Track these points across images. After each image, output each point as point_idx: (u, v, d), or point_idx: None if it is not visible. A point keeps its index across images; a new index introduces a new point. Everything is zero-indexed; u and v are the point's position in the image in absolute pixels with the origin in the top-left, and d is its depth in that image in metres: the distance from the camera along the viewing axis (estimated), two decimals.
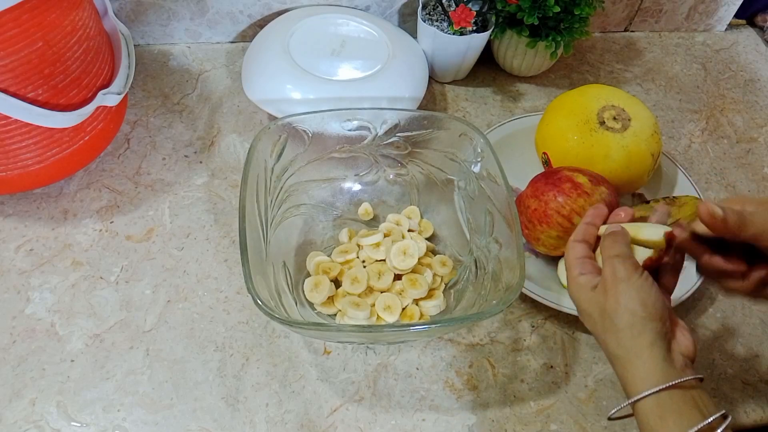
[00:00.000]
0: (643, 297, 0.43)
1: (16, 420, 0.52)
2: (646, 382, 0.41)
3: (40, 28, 0.53)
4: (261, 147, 0.58)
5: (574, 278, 0.47)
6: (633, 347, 0.42)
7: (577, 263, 0.48)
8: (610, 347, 0.44)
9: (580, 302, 0.47)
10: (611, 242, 0.46)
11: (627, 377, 0.42)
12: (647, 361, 0.41)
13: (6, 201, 0.66)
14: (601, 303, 0.44)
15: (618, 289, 0.43)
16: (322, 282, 0.59)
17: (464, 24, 0.73)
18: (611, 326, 0.43)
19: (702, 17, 0.95)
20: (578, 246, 0.49)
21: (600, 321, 0.44)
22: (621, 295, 0.43)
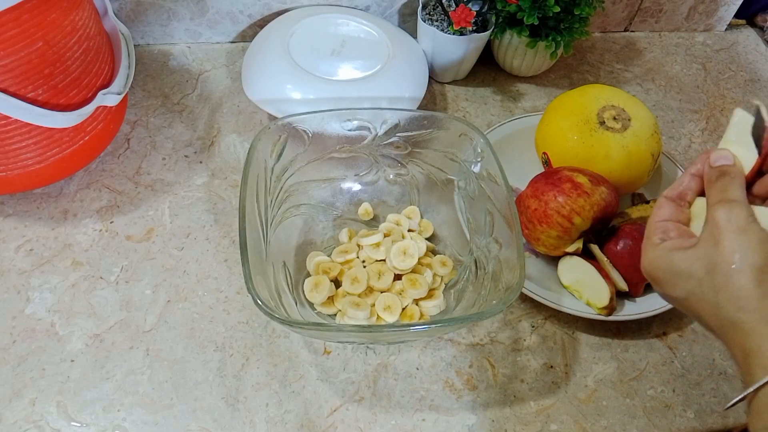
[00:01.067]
0: (765, 247, 0.36)
1: (16, 420, 0.52)
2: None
3: (40, 28, 0.53)
4: (261, 147, 0.58)
5: (654, 244, 0.40)
6: (762, 309, 0.34)
7: (658, 227, 0.41)
8: (726, 311, 0.36)
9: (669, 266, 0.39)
10: (725, 184, 0.38)
11: (751, 348, 0.34)
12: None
13: (6, 201, 0.66)
14: (710, 257, 0.37)
15: (737, 240, 0.36)
16: (322, 282, 0.59)
17: (464, 24, 0.73)
18: (728, 285, 0.35)
19: (702, 17, 0.95)
20: (667, 206, 0.42)
21: (709, 280, 0.36)
22: (741, 246, 0.36)
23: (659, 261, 0.40)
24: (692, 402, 0.58)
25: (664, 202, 0.43)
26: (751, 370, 0.35)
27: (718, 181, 0.39)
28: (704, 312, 0.38)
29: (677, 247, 0.39)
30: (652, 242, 0.41)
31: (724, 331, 0.37)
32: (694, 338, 0.63)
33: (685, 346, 0.62)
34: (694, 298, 0.38)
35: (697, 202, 0.43)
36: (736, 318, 0.35)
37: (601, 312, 0.60)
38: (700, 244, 0.38)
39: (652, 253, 0.40)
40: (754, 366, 0.34)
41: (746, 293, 0.35)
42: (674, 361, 0.61)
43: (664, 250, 0.40)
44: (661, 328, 0.63)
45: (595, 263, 0.61)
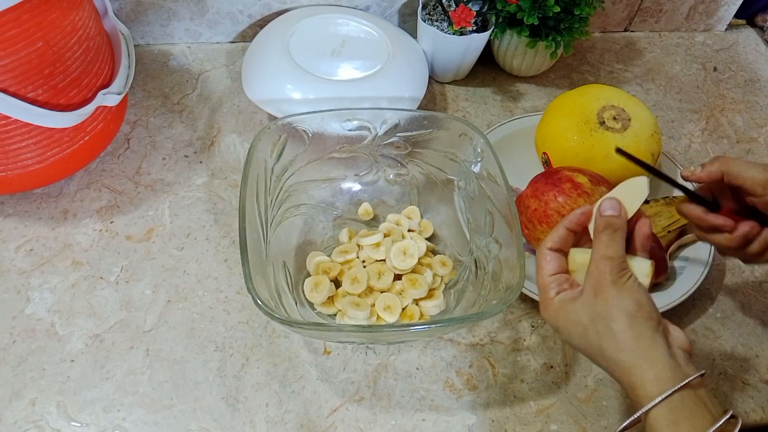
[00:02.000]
0: (637, 297, 0.41)
1: (16, 420, 0.52)
2: (658, 384, 0.39)
3: (40, 28, 0.53)
4: (261, 147, 0.58)
5: (550, 299, 0.44)
6: (637, 349, 0.40)
7: (552, 282, 0.45)
8: (609, 353, 0.41)
9: (562, 319, 0.44)
10: (608, 239, 0.44)
11: (635, 382, 0.40)
12: (655, 362, 0.40)
13: (6, 201, 0.66)
14: (591, 308, 0.42)
15: (610, 292, 0.41)
16: (322, 282, 0.59)
17: (464, 24, 0.73)
18: (607, 331, 0.41)
19: (702, 17, 0.95)
20: (552, 258, 0.46)
21: (593, 327, 0.42)
22: (614, 298, 0.41)
23: (556, 313, 0.44)
24: None
25: (549, 254, 0.46)
26: (638, 400, 0.40)
27: (603, 234, 0.44)
28: (595, 354, 0.43)
29: (568, 299, 0.44)
30: (548, 297, 0.45)
31: (612, 369, 0.42)
32: (694, 338, 0.63)
33: None
34: (585, 342, 0.43)
35: (574, 256, 0.47)
36: (618, 358, 0.41)
37: None
38: (583, 295, 0.43)
39: (550, 307, 0.44)
40: (640, 397, 0.40)
41: (622, 336, 0.41)
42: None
43: (559, 302, 0.44)
44: None
45: None
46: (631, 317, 0.41)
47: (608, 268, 0.42)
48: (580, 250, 0.47)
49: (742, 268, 0.69)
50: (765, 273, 0.69)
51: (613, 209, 0.45)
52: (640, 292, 0.42)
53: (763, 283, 0.68)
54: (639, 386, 0.40)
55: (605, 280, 0.42)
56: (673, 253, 0.66)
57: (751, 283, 0.68)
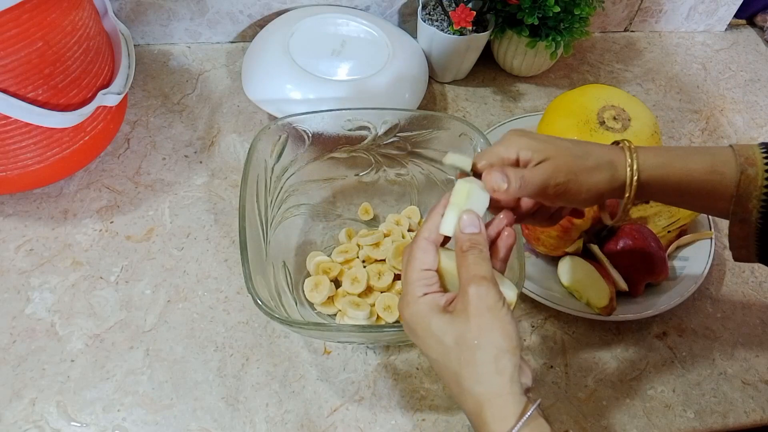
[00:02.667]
0: (508, 329, 0.39)
1: (16, 420, 0.52)
2: (507, 422, 0.37)
3: (40, 28, 0.53)
4: (261, 147, 0.58)
5: (416, 297, 0.41)
6: (495, 384, 0.38)
7: (422, 278, 0.41)
8: (466, 384, 0.38)
9: (426, 324, 0.40)
10: (476, 259, 0.40)
11: (485, 417, 0.38)
12: (508, 399, 0.38)
13: (6, 201, 0.66)
14: (459, 330, 0.39)
15: (484, 318, 0.38)
16: (322, 282, 0.59)
17: (464, 24, 0.73)
18: (471, 359, 0.38)
19: (702, 17, 0.95)
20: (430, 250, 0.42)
21: (456, 351, 0.39)
22: (486, 326, 0.38)
23: (419, 317, 0.41)
24: (692, 402, 0.58)
25: (428, 246, 0.42)
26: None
27: (469, 254, 0.40)
28: (449, 378, 0.40)
29: (435, 308, 0.40)
30: (414, 295, 0.41)
31: (464, 399, 0.39)
32: (694, 338, 0.63)
33: (685, 346, 0.62)
34: (442, 362, 0.40)
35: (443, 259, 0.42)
36: (474, 390, 0.38)
37: (601, 312, 0.60)
38: (454, 314, 0.39)
39: (414, 306, 0.41)
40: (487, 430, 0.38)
41: (485, 369, 0.38)
42: (674, 361, 0.61)
43: (426, 306, 0.40)
44: (661, 328, 0.63)
45: (595, 263, 0.61)
46: (499, 350, 0.38)
47: (485, 291, 0.39)
48: (447, 253, 0.43)
49: (742, 268, 0.69)
50: (765, 273, 0.69)
51: (474, 226, 0.42)
52: (512, 324, 0.39)
53: (763, 283, 0.68)
54: (488, 422, 0.38)
55: (482, 305, 0.39)
56: (673, 253, 0.66)
57: (751, 283, 0.68)
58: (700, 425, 0.57)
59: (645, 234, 0.62)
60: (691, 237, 0.66)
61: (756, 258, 0.46)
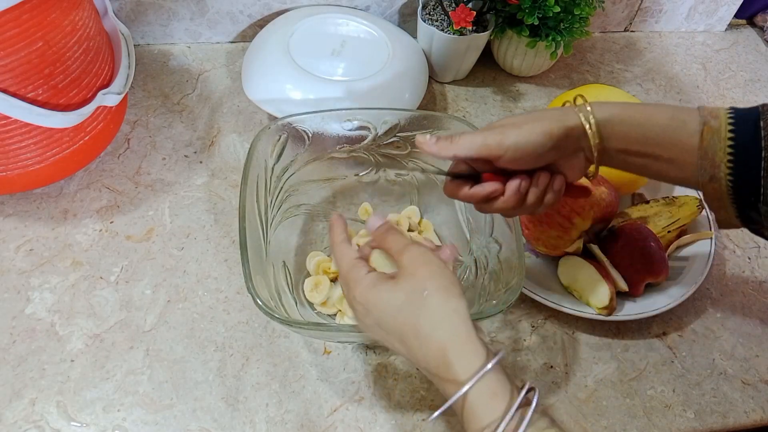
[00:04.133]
0: (447, 274, 0.42)
1: (16, 420, 0.52)
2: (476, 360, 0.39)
3: (40, 28, 0.53)
4: (261, 147, 0.58)
5: (363, 275, 0.43)
6: (453, 324, 0.40)
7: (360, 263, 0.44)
8: (424, 329, 0.40)
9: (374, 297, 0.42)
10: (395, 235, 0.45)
11: (449, 358, 0.39)
12: (469, 339, 0.40)
13: (6, 201, 0.66)
14: (407, 288, 0.41)
15: (424, 270, 0.42)
16: (322, 282, 0.59)
17: (464, 24, 0.73)
18: (423, 305, 0.40)
19: (702, 17, 0.95)
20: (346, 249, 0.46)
21: (408, 306, 0.41)
22: (428, 275, 0.41)
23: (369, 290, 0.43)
24: (692, 402, 0.58)
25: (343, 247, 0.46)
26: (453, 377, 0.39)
27: (387, 235, 0.45)
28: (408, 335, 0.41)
29: (381, 278, 0.43)
30: (360, 274, 0.44)
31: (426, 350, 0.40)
32: (694, 338, 0.63)
33: (685, 346, 0.62)
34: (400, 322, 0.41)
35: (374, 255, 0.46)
36: (434, 336, 0.40)
37: (601, 312, 0.60)
38: (398, 277, 0.42)
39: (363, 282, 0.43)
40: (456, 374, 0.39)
41: (439, 311, 0.40)
42: (674, 361, 0.61)
43: (373, 279, 0.43)
44: (661, 328, 0.63)
45: (595, 263, 0.61)
46: (448, 293, 0.41)
47: (416, 251, 0.43)
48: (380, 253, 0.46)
49: (742, 268, 0.69)
50: (765, 273, 0.69)
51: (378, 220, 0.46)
52: (450, 272, 0.42)
53: (763, 283, 0.68)
54: (455, 362, 0.39)
55: (418, 261, 0.42)
56: (673, 253, 0.66)
57: (751, 283, 0.68)
58: (700, 425, 0.57)
59: (645, 234, 0.62)
60: (691, 237, 0.66)
61: (737, 221, 0.44)
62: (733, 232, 0.72)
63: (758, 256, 0.70)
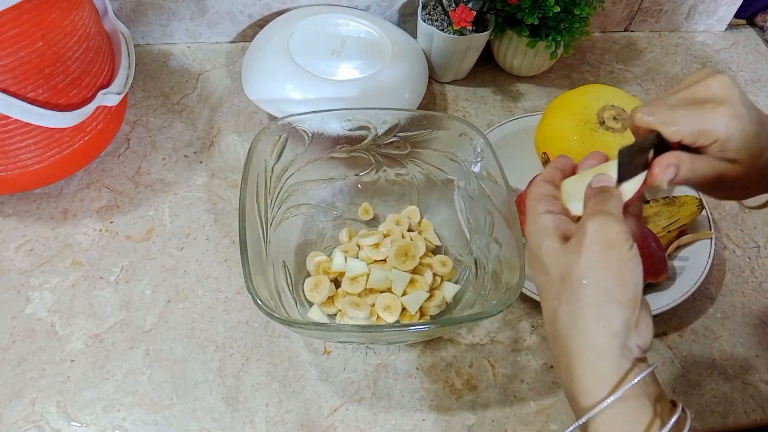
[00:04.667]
0: (624, 275, 0.34)
1: (16, 420, 0.52)
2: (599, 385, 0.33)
3: (40, 28, 0.53)
4: (261, 147, 0.58)
5: (538, 215, 0.37)
6: (592, 334, 0.33)
7: (543, 200, 0.38)
8: (561, 324, 0.34)
9: (539, 247, 0.36)
10: (604, 197, 0.36)
11: (573, 372, 0.34)
12: (605, 356, 0.33)
13: (6, 201, 0.66)
14: (568, 263, 0.34)
15: (597, 254, 0.34)
16: (322, 282, 0.59)
17: (464, 24, 0.73)
18: (572, 297, 0.34)
19: (702, 17, 0.95)
20: (545, 185, 0.40)
21: (558, 286, 0.35)
22: (597, 264, 0.34)
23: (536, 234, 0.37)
24: (692, 402, 0.58)
25: (541, 183, 0.40)
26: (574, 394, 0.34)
27: (597, 195, 0.37)
28: (546, 313, 0.36)
29: (553, 230, 0.37)
30: (536, 212, 0.38)
31: (555, 342, 0.35)
32: (694, 338, 0.63)
33: (685, 346, 0.62)
34: (543, 293, 0.37)
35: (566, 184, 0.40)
36: (567, 335, 0.34)
37: None
38: (567, 246, 0.35)
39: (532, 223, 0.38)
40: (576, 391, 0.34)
41: (584, 313, 0.33)
42: (674, 361, 0.61)
43: (545, 225, 0.37)
44: (661, 328, 0.63)
45: None
46: (607, 296, 0.33)
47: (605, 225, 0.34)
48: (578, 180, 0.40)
49: (742, 268, 0.69)
50: (765, 273, 0.69)
51: (608, 182, 0.38)
52: (634, 272, 0.34)
53: (763, 283, 0.68)
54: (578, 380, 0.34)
55: (599, 240, 0.34)
56: (673, 253, 0.66)
57: (751, 283, 0.68)
58: (700, 425, 0.57)
59: (645, 234, 0.62)
60: (691, 237, 0.66)
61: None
62: (733, 232, 0.72)
63: (758, 256, 0.70)
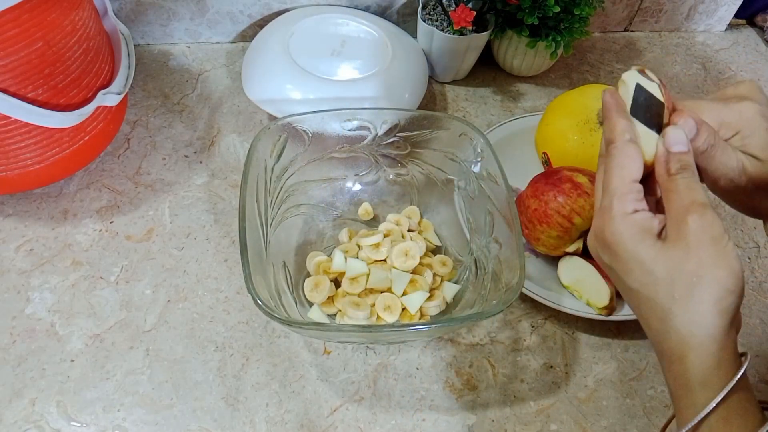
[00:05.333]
0: (735, 266, 0.34)
1: (16, 420, 0.52)
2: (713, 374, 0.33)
3: (40, 28, 0.53)
4: (261, 147, 0.58)
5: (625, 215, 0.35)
6: (712, 326, 0.33)
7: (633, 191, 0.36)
8: (676, 321, 0.34)
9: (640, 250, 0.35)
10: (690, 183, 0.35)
11: (688, 362, 0.34)
12: (722, 347, 0.34)
13: (6, 201, 0.66)
14: (676, 262, 0.34)
15: (709, 251, 0.34)
16: (322, 282, 0.59)
17: (464, 24, 0.73)
18: (687, 295, 0.33)
19: (702, 17, 0.95)
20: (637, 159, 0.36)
21: (667, 285, 0.34)
22: (710, 260, 0.34)
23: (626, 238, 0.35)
24: None
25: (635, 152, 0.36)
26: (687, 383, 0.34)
27: (679, 177, 0.36)
28: (649, 312, 0.36)
29: (648, 231, 0.35)
30: (623, 211, 0.35)
31: (666, 337, 0.35)
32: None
33: None
34: (645, 294, 0.35)
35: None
36: (686, 331, 0.34)
37: (601, 312, 0.60)
38: (669, 242, 0.35)
39: (622, 225, 0.35)
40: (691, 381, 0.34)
41: (703, 308, 0.34)
42: None
43: (636, 227, 0.35)
44: None
45: (595, 263, 0.61)
46: (725, 290, 0.33)
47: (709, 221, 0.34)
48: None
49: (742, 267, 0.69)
50: (765, 273, 0.69)
51: (682, 144, 0.36)
52: (739, 261, 0.34)
53: (763, 283, 0.68)
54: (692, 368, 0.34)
55: (706, 236, 0.34)
56: None
57: (751, 283, 0.68)
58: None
59: None
60: None
61: None
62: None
63: (758, 256, 0.70)
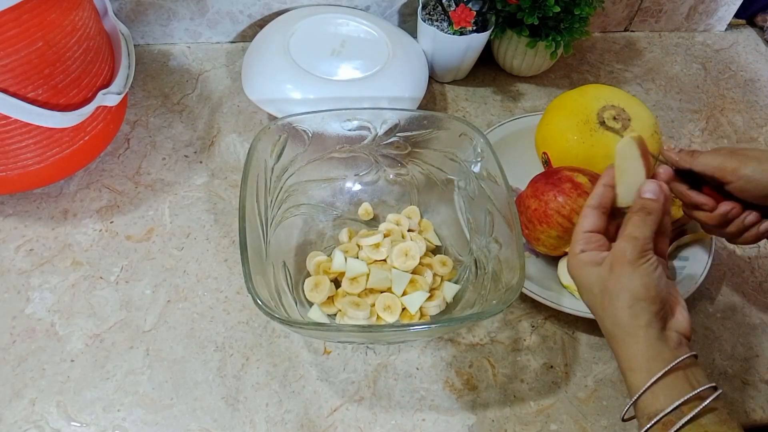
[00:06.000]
0: (646, 281, 0.43)
1: (16, 420, 0.52)
2: (639, 360, 0.43)
3: (40, 28, 0.53)
4: (261, 147, 0.58)
5: (575, 254, 0.47)
6: (628, 326, 0.43)
7: (582, 238, 0.47)
8: (607, 325, 0.45)
9: (580, 277, 0.47)
10: (638, 220, 0.45)
11: (621, 355, 0.44)
12: (641, 340, 0.43)
13: (6, 201, 0.66)
14: (604, 280, 0.45)
15: (623, 270, 0.44)
16: (322, 282, 0.59)
17: (464, 24, 0.73)
18: (610, 305, 0.44)
19: (702, 17, 0.95)
20: (592, 215, 0.48)
21: (600, 297, 0.45)
22: (625, 276, 0.44)
23: (576, 269, 0.47)
24: None
25: (589, 212, 0.48)
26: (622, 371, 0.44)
27: (635, 215, 0.46)
28: (597, 320, 0.47)
29: (589, 261, 0.46)
30: (573, 252, 0.47)
31: (608, 339, 0.46)
32: (694, 338, 0.63)
33: None
34: (592, 307, 0.47)
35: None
36: (612, 331, 0.45)
37: None
38: (602, 266, 0.45)
39: (573, 260, 0.47)
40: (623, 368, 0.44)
41: (620, 313, 0.44)
42: None
43: (581, 261, 0.47)
44: None
45: None
46: (633, 298, 0.43)
47: (630, 247, 0.44)
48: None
49: (742, 267, 0.69)
50: (765, 273, 0.69)
51: (653, 193, 0.46)
52: (652, 277, 0.44)
53: (763, 283, 0.68)
54: (623, 359, 0.44)
55: (623, 258, 0.44)
56: (673, 253, 0.66)
57: (751, 283, 0.68)
58: None
59: None
60: (691, 237, 0.66)
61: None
62: None
63: (758, 256, 0.70)
